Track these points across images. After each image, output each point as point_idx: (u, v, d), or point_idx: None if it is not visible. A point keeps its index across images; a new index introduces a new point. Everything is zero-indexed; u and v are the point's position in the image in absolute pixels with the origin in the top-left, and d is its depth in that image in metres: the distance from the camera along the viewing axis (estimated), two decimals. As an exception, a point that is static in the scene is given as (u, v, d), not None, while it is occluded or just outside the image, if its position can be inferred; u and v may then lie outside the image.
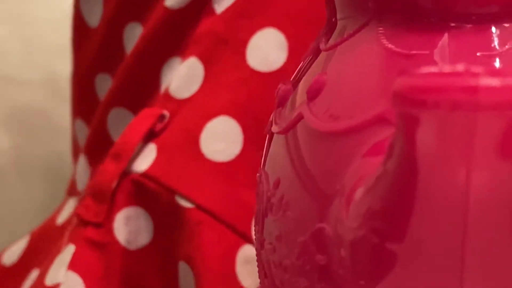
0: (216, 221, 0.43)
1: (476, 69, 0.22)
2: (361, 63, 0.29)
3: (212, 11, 0.44)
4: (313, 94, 0.30)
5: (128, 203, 0.44)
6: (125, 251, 0.44)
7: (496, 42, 0.29)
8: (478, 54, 0.28)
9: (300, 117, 0.30)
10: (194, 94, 0.44)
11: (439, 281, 0.25)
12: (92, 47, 0.51)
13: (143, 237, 0.44)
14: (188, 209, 0.43)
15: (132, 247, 0.44)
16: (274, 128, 0.32)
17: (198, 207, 0.43)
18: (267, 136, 0.33)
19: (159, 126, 0.44)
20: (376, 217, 0.25)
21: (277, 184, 0.31)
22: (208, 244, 0.42)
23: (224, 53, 0.44)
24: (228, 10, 0.44)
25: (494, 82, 0.22)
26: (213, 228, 0.42)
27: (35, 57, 0.70)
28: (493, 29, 0.29)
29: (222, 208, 0.43)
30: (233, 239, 0.43)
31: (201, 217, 0.42)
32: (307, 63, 0.32)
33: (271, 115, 0.33)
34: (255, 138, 0.43)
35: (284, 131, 0.31)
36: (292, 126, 0.30)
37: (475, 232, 0.24)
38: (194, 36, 0.45)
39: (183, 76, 0.44)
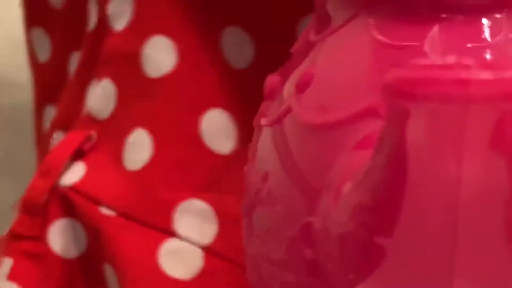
0: (137, 223, 0.46)
1: (467, 61, 0.22)
2: (350, 55, 0.29)
3: (111, 31, 0.48)
4: (302, 86, 0.30)
5: (60, 215, 0.47)
6: (62, 261, 0.47)
7: (487, 34, 0.28)
8: (469, 45, 0.28)
9: (288, 110, 0.30)
10: (112, 113, 0.47)
11: (429, 276, 0.25)
12: (41, 80, 0.55)
13: (78, 247, 0.47)
14: (111, 216, 0.46)
15: (68, 256, 0.47)
16: (262, 121, 0.32)
17: (119, 213, 0.46)
18: (255, 128, 0.32)
19: (87, 145, 0.48)
20: (365, 211, 0.25)
21: (265, 177, 0.31)
22: (130, 245, 0.46)
23: (129, 69, 0.47)
24: (125, 27, 0.47)
25: (485, 74, 0.22)
26: (134, 230, 0.46)
27: (23, 58, 0.71)
28: (484, 20, 0.28)
29: (141, 211, 0.46)
30: (155, 236, 0.46)
31: (122, 222, 0.46)
32: (296, 55, 0.32)
33: (260, 108, 0.33)
34: (164, 140, 0.46)
35: (272, 124, 0.31)
36: (280, 119, 0.30)
37: (466, 226, 0.24)
38: (103, 56, 0.48)
39: (100, 98, 0.48)
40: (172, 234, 0.46)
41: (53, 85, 0.53)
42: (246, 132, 0.45)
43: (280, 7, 0.44)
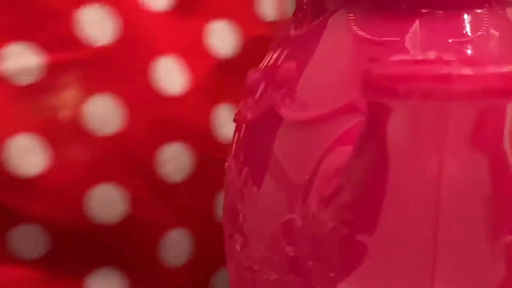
0: None
1: (449, 57, 0.22)
2: (331, 50, 0.29)
3: None
4: (282, 82, 0.29)
5: None
6: None
7: (468, 29, 0.28)
8: (450, 41, 0.28)
9: (269, 106, 0.30)
10: None
11: (410, 273, 0.25)
12: None
13: None
14: None
15: None
16: (243, 117, 0.31)
17: None
18: (236, 125, 0.32)
19: None
20: (347, 209, 0.25)
21: (246, 174, 0.30)
22: None
23: None
24: None
25: (466, 70, 0.21)
26: None
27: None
28: (465, 15, 0.28)
29: None
30: None
31: None
32: (277, 51, 0.31)
33: (240, 104, 0.32)
34: None
35: (253, 120, 0.30)
36: (260, 115, 0.30)
37: (447, 223, 0.24)
38: None
39: None
40: None
41: None
42: None
43: None
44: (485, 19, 0.28)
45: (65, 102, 0.42)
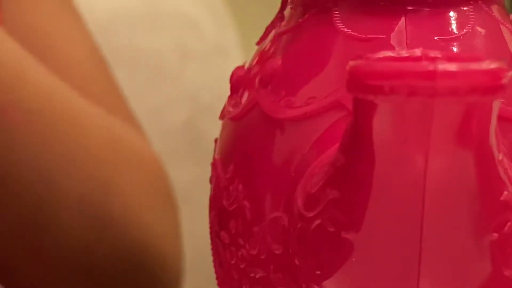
0: None
1: (434, 54, 0.22)
2: (316, 48, 0.29)
3: None
4: (267, 79, 0.29)
5: None
6: None
7: (454, 26, 0.28)
8: (435, 38, 0.28)
9: (254, 103, 0.29)
10: None
11: (396, 270, 0.25)
12: None
13: None
14: None
15: None
16: (228, 114, 0.31)
17: None
18: (222, 122, 0.32)
19: None
20: (333, 206, 0.25)
21: (232, 172, 0.30)
22: None
23: None
24: None
25: (451, 67, 0.21)
26: None
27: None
28: (451, 12, 0.28)
29: None
30: None
31: None
32: (262, 48, 0.31)
33: (226, 101, 0.32)
34: None
35: (238, 118, 0.30)
36: (246, 112, 0.30)
37: (432, 220, 0.24)
38: None
39: None
40: None
41: None
42: None
43: None
44: (471, 16, 0.28)
45: None
